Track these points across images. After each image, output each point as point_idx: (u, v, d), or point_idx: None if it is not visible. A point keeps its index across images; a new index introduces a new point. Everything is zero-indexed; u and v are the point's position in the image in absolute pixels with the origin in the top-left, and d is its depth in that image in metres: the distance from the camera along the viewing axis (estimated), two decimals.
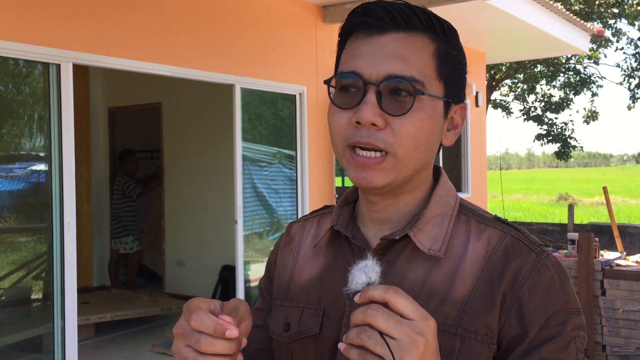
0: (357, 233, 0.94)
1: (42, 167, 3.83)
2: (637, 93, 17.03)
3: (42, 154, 3.83)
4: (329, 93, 0.91)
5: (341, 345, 0.74)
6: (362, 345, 0.71)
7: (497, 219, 0.92)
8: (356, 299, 0.73)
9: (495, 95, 18.71)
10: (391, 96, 0.84)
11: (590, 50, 15.30)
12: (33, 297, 4.13)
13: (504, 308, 0.84)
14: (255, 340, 1.02)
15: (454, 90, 0.90)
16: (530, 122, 18.88)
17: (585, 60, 16.95)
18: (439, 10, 5.71)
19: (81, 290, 5.12)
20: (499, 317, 0.83)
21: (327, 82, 0.88)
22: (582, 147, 18.49)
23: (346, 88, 0.86)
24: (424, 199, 0.92)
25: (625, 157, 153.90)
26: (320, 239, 0.98)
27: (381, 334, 0.70)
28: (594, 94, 17.54)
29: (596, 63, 17.16)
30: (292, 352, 0.95)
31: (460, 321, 0.83)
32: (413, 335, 0.70)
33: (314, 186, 5.79)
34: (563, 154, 18.22)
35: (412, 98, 0.83)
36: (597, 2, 15.33)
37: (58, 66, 3.74)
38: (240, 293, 5.02)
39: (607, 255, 4.94)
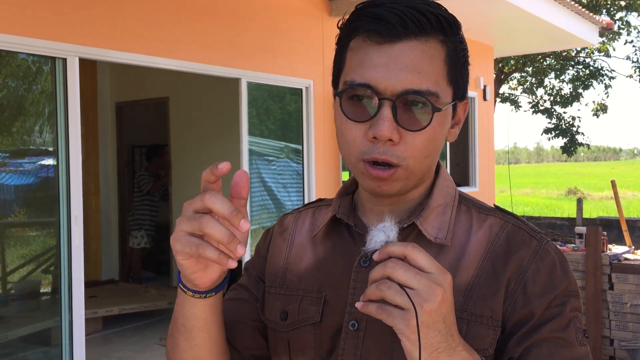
0: (358, 222, 0.95)
1: (49, 161, 3.84)
2: None
3: (49, 149, 3.84)
4: (336, 94, 0.88)
5: (359, 304, 0.75)
6: (380, 299, 0.73)
7: (496, 208, 0.95)
8: (375, 256, 0.75)
9: (504, 88, 18.61)
10: (406, 108, 0.83)
11: (599, 43, 15.17)
12: (41, 290, 4.15)
13: (509, 292, 0.86)
14: (233, 312, 1.01)
15: (461, 90, 0.90)
16: (539, 115, 18.77)
17: (596, 53, 16.81)
18: (445, 4, 5.67)
19: (89, 284, 5.15)
20: (503, 301, 0.85)
21: (339, 94, 0.86)
22: (588, 144, 18.34)
23: (358, 97, 0.84)
24: (427, 190, 0.94)
25: (635, 151, 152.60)
26: (319, 229, 0.98)
27: (400, 285, 0.72)
28: (607, 86, 17.36)
29: (607, 56, 17.00)
30: (290, 341, 0.95)
31: (465, 306, 0.85)
32: (432, 285, 0.72)
33: (320, 180, 5.78)
34: (569, 149, 18.14)
35: (430, 114, 0.82)
36: None
37: (64, 60, 3.75)
38: None
39: (616, 249, 4.90)
